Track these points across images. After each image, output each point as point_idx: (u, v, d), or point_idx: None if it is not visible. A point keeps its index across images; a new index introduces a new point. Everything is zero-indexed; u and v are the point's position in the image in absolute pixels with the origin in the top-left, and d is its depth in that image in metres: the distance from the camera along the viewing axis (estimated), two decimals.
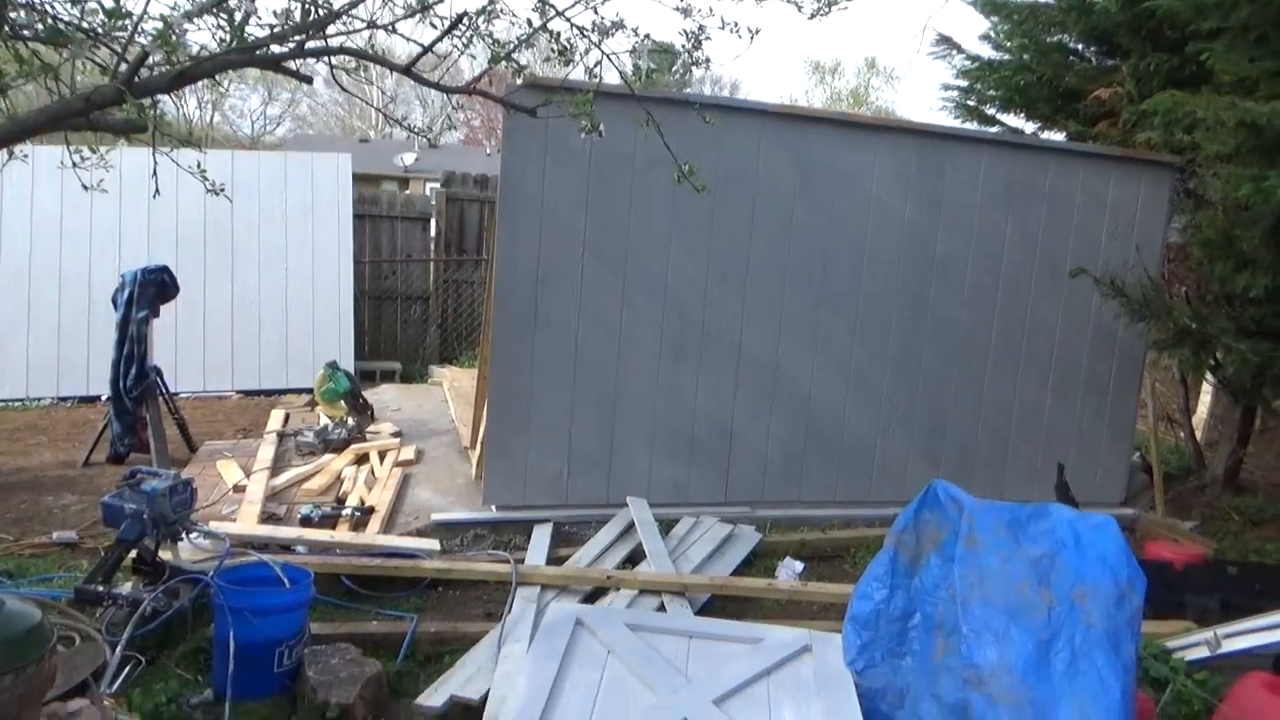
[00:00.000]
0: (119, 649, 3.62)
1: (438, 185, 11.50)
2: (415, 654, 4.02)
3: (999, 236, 6.20)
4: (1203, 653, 4.00)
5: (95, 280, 8.87)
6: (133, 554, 4.15)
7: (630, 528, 5.35)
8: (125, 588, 4.08)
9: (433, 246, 11.12)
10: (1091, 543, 2.57)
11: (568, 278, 5.47)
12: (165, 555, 4.16)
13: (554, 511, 5.54)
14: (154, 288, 6.71)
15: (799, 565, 5.31)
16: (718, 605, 4.60)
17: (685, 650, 3.06)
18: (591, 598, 4.49)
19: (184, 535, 4.00)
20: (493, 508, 5.54)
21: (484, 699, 3.47)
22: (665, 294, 5.63)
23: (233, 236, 9.50)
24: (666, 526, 5.41)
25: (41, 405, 8.75)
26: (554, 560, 4.93)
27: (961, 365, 6.26)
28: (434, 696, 3.50)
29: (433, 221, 11.13)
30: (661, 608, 4.28)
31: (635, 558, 5.04)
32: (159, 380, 6.80)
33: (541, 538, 5.24)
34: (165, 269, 6.83)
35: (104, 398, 7.20)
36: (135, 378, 6.56)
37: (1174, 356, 6.34)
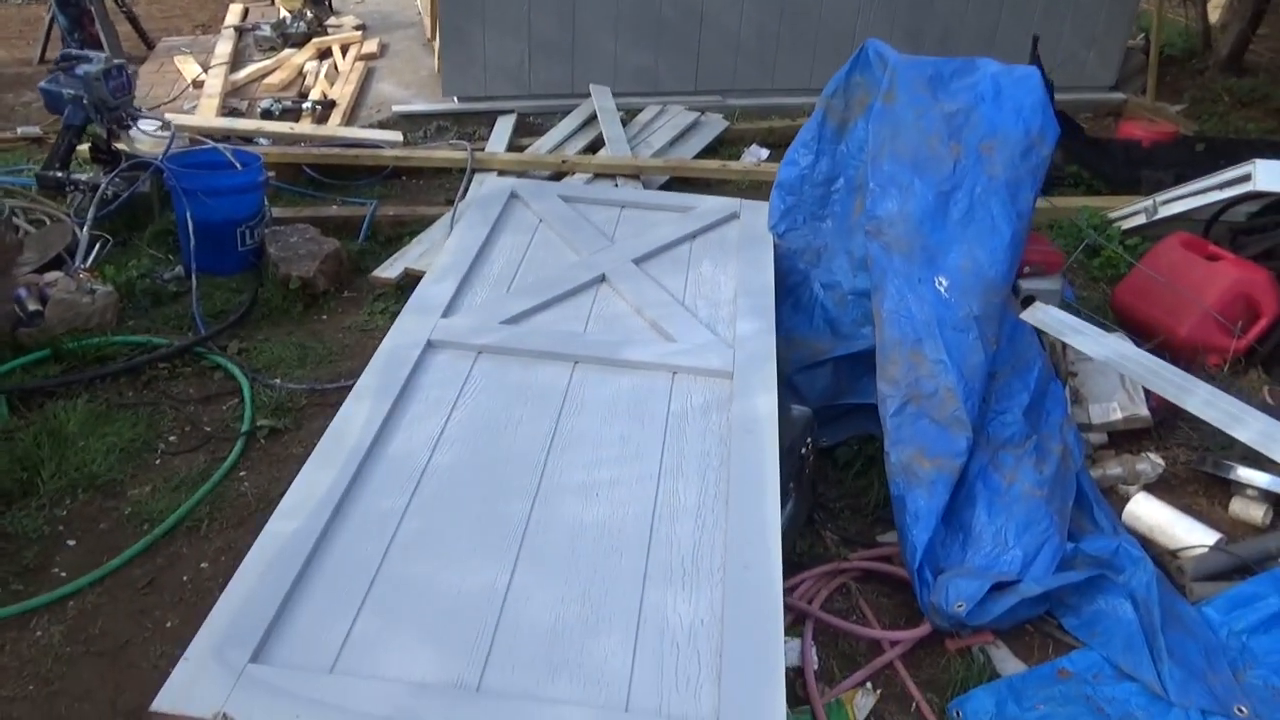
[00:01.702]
0: (86, 227, 3.78)
1: None
2: (376, 235, 4.18)
3: None
4: (1140, 220, 4.09)
5: None
6: (89, 144, 4.18)
7: (593, 117, 5.27)
8: (89, 174, 4.17)
9: None
10: (1010, 95, 2.52)
11: None
12: (121, 146, 4.17)
13: (516, 102, 5.43)
14: None
15: (764, 152, 5.30)
16: (674, 188, 4.66)
17: (616, 218, 3.15)
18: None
19: (129, 122, 3.97)
20: (454, 99, 5.43)
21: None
22: None
23: None
24: (631, 115, 5.33)
25: None
26: (514, 148, 4.93)
27: None
28: (389, 269, 3.70)
29: None
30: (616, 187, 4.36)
31: (597, 146, 5.03)
32: None
33: (503, 129, 5.19)
34: None
35: None
36: None
37: None
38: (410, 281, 3.66)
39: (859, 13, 5.75)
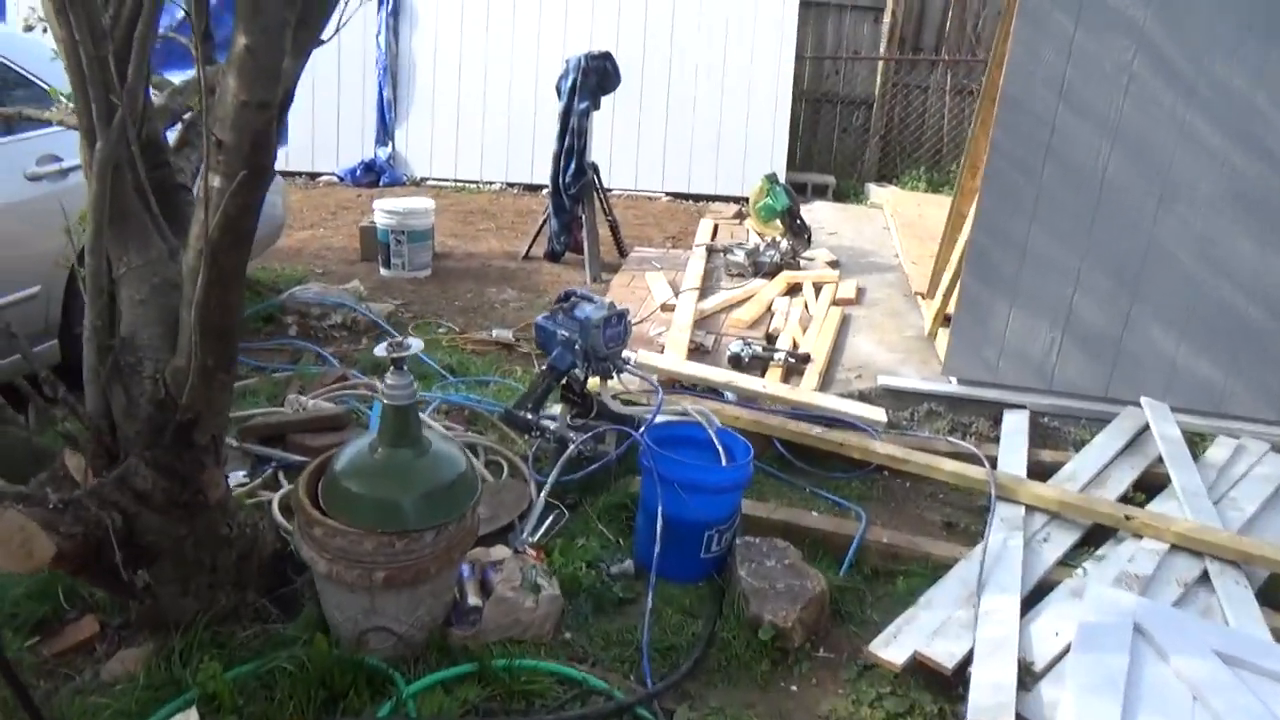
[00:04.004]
0: (544, 493, 3.28)
1: None
2: (860, 563, 3.27)
3: None
4: None
5: (542, 70, 8.77)
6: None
7: (1137, 439, 4.06)
8: (554, 409, 3.76)
9: (884, 43, 9.66)
10: None
11: (1103, 92, 4.00)
12: (594, 390, 3.74)
13: (1031, 397, 4.39)
14: (596, 75, 6.26)
15: None
16: None
17: None
18: (1093, 536, 3.39)
19: (614, 374, 3.50)
20: (952, 380, 4.51)
21: (960, 667, 2.63)
22: (1241, 119, 3.94)
23: (672, 31, 8.86)
24: (1190, 445, 4.03)
25: (492, 189, 9.07)
26: (1035, 465, 3.85)
27: None
28: (892, 647, 2.72)
29: (886, 11, 9.60)
30: (1205, 579, 3.07)
31: (1147, 484, 3.79)
32: (595, 178, 6.49)
33: (1015, 431, 4.15)
34: (608, 55, 6.34)
35: (544, 191, 7.11)
36: (574, 174, 6.27)
37: None
38: (923, 672, 2.66)
39: None
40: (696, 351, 4.94)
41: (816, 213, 7.96)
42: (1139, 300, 4.21)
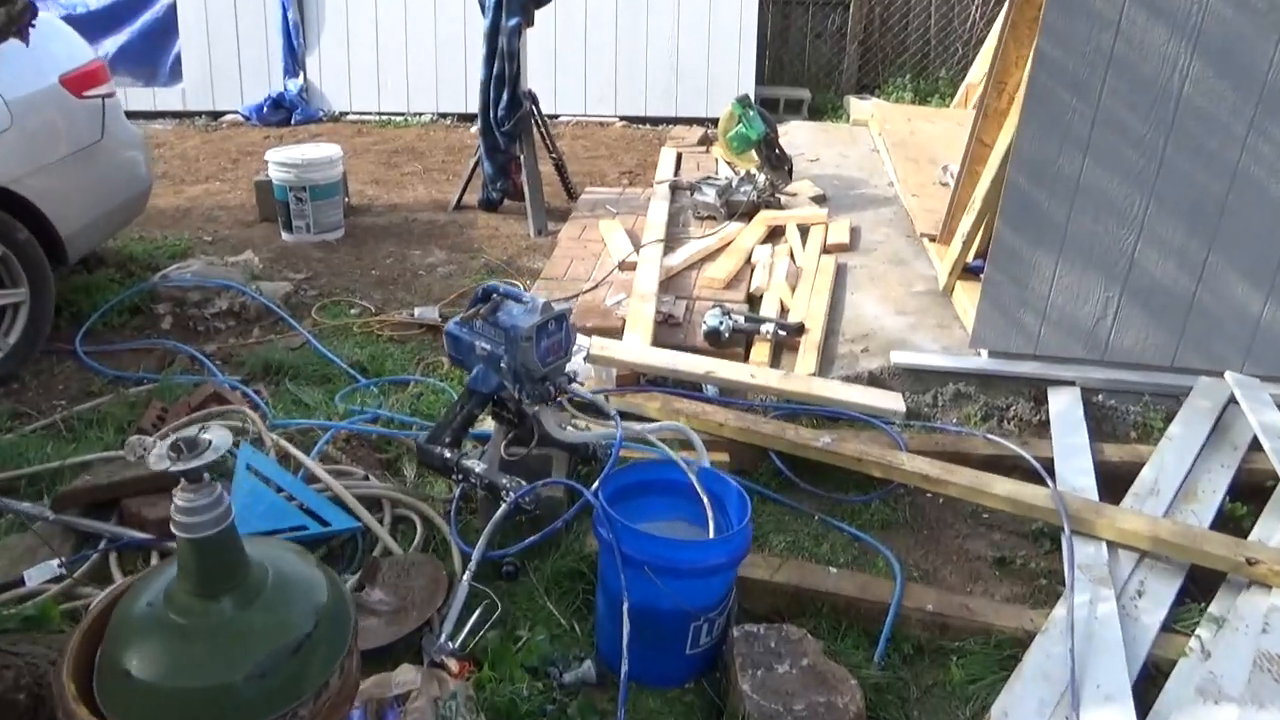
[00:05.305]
0: (468, 574, 2.40)
1: None
2: (898, 634, 2.44)
3: None
4: None
5: None
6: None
7: (1219, 423, 3.25)
8: (487, 426, 2.89)
9: None
10: None
11: None
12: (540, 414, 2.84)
13: (1081, 369, 3.55)
14: None
15: None
16: None
17: None
18: (1195, 574, 2.58)
19: (555, 396, 2.59)
20: (982, 352, 3.65)
21: None
22: None
23: None
24: None
25: (421, 122, 7.95)
26: (1101, 468, 3.02)
27: None
28: None
29: None
30: None
31: (1246, 488, 2.99)
32: (534, 108, 5.45)
33: (1066, 415, 3.32)
34: None
35: (473, 129, 6.05)
36: (507, 105, 5.23)
37: None
38: None
39: None
40: (665, 325, 4.02)
41: (793, 134, 6.96)
42: (1218, 248, 3.34)
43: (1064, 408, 3.39)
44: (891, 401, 3.45)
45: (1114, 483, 2.94)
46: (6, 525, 2.73)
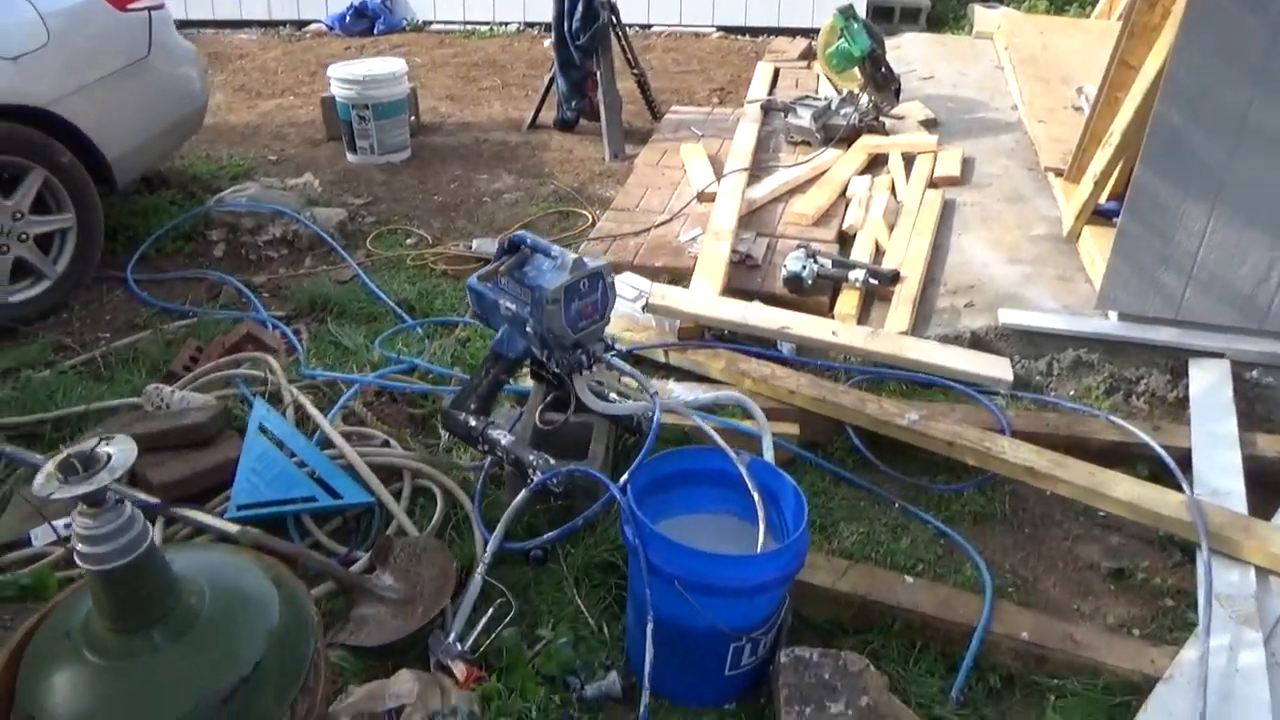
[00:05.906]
0: (481, 569, 2.13)
1: None
2: (985, 660, 2.06)
3: None
4: None
5: None
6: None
7: None
8: (526, 384, 2.58)
9: None
10: None
11: None
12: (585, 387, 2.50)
13: (1233, 340, 2.99)
14: None
15: None
16: None
17: None
18: None
19: (589, 365, 2.24)
20: (1111, 314, 3.13)
21: None
22: None
23: None
24: None
25: (506, 32, 7.53)
26: (1252, 464, 2.52)
27: None
28: None
29: None
30: None
31: None
32: (613, 21, 4.97)
33: (1210, 394, 2.80)
34: None
35: (547, 43, 5.62)
36: (582, 16, 4.78)
37: None
38: None
39: None
40: (741, 266, 3.62)
41: (905, 48, 6.27)
42: None
43: (1209, 385, 2.86)
44: (997, 368, 2.99)
45: (1269, 487, 2.44)
46: (26, 475, 2.59)
